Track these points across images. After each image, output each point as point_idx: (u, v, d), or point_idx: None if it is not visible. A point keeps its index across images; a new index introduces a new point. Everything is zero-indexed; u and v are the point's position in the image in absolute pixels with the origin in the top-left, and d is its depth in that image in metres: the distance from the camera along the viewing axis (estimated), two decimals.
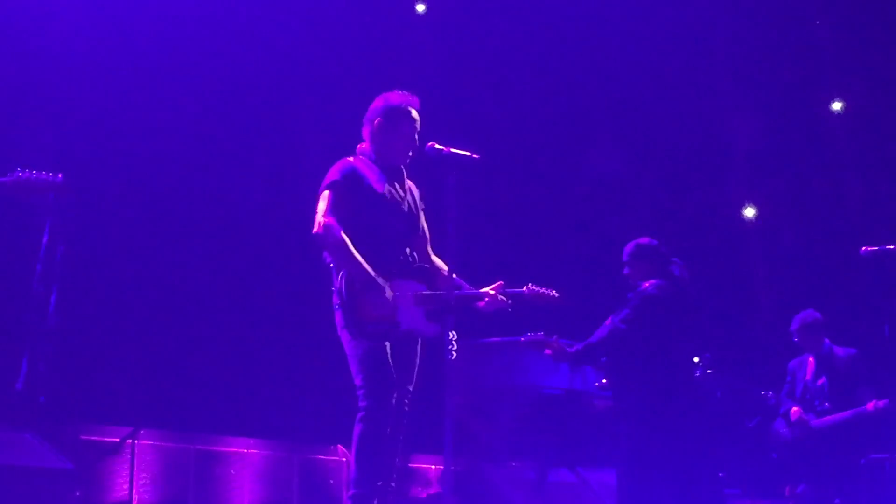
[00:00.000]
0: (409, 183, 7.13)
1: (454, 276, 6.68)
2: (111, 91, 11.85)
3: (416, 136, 7.01)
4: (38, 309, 8.01)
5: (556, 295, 7.42)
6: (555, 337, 8.54)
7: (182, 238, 12.33)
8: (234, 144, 12.82)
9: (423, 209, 7.16)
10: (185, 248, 12.32)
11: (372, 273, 6.63)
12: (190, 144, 12.43)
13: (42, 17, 11.40)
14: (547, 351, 8.63)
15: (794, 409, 11.06)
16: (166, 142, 12.25)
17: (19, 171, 7.51)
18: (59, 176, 7.53)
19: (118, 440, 10.87)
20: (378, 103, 7.09)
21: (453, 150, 6.61)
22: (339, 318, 6.73)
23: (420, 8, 14.42)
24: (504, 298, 7.06)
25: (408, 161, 7.08)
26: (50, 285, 8.01)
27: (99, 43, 11.78)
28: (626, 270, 8.95)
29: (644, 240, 8.97)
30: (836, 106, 15.53)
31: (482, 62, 14.62)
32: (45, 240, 7.88)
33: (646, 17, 14.58)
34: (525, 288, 7.33)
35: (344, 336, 6.73)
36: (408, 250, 6.96)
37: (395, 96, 7.07)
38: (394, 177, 7.02)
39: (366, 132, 7.11)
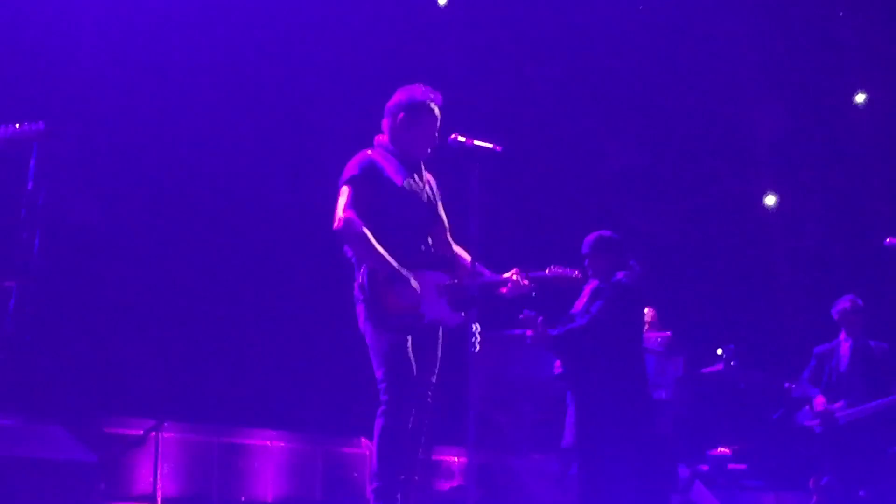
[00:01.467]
0: (426, 174, 7.12)
1: (476, 264, 6.68)
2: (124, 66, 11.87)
3: (437, 133, 6.99)
4: (24, 253, 8.03)
5: (579, 274, 7.41)
6: (540, 318, 8.49)
7: (208, 232, 12.35)
8: (256, 136, 12.82)
9: (441, 199, 7.14)
10: (208, 243, 12.35)
11: (395, 265, 6.61)
12: (215, 142, 12.44)
13: None
14: (529, 332, 8.59)
15: (819, 398, 10.98)
16: (184, 143, 12.26)
17: (2, 126, 7.49)
18: (41, 124, 7.52)
19: (142, 433, 10.90)
20: (401, 97, 7.04)
21: (476, 142, 6.60)
22: (361, 311, 6.72)
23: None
24: (526, 283, 7.05)
25: (427, 155, 7.05)
26: (34, 229, 8.02)
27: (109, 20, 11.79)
28: (586, 262, 8.86)
29: (606, 232, 8.90)
30: (860, 98, 15.48)
31: (504, 53, 14.60)
32: (29, 185, 7.89)
33: (669, 8, 14.54)
34: (547, 270, 7.34)
35: (366, 329, 6.72)
36: (429, 240, 6.95)
37: (419, 91, 7.03)
38: (412, 169, 7.00)
39: (386, 125, 7.08)
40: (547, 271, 7.35)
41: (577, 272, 7.42)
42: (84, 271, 11.18)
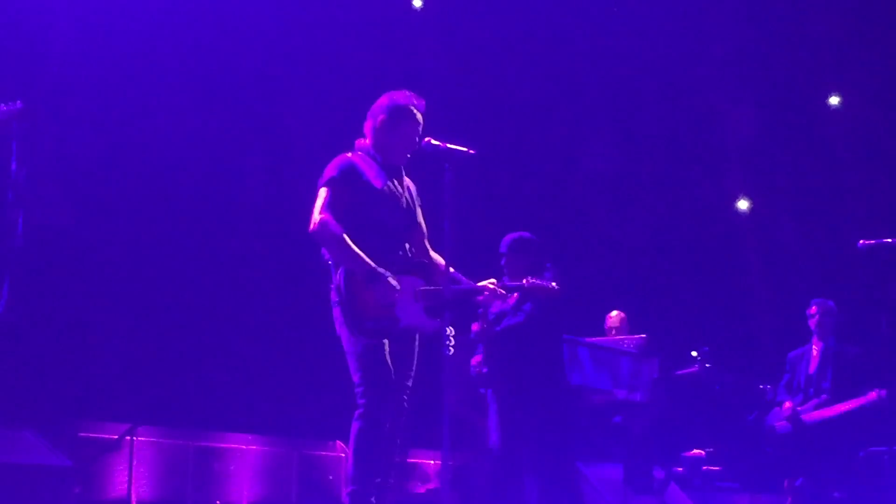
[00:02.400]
0: (406, 179, 7.12)
1: (452, 269, 6.70)
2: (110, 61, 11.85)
3: (417, 138, 6.99)
4: (9, 232, 8.02)
5: (556, 287, 7.43)
6: (482, 311, 8.57)
7: (180, 236, 12.33)
8: (234, 141, 12.81)
9: (420, 205, 7.15)
10: (183, 245, 12.32)
11: (372, 264, 6.61)
12: (193, 143, 12.42)
13: None
14: (474, 326, 8.66)
15: (787, 403, 11.07)
16: (163, 146, 12.25)
17: None
18: (19, 103, 7.55)
19: (117, 437, 10.88)
20: (383, 101, 7.06)
21: (450, 145, 6.62)
22: (337, 314, 6.72)
23: (417, 2, 14.42)
24: (503, 292, 7.07)
25: (406, 160, 7.05)
26: (19, 209, 8.02)
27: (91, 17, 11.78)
28: (502, 261, 8.89)
29: (526, 234, 8.93)
30: (834, 100, 15.54)
31: (478, 57, 14.61)
32: (13, 166, 7.89)
33: (641, 10, 14.58)
34: (525, 280, 7.37)
35: (342, 333, 6.72)
36: (406, 246, 6.95)
37: (401, 96, 7.04)
38: (392, 173, 7.00)
39: (368, 127, 7.08)
40: (525, 281, 7.38)
41: (554, 283, 7.45)
42: (57, 275, 11.15)
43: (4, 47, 10.88)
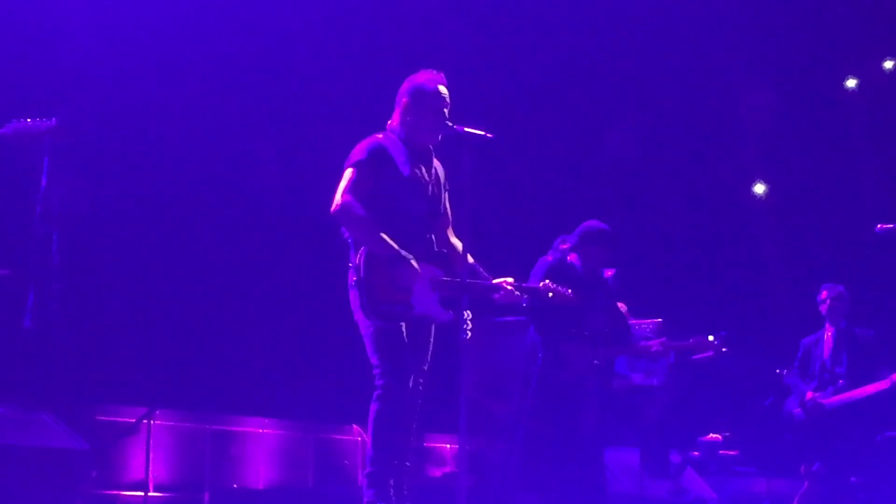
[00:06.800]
0: (435, 163, 7.07)
1: (471, 260, 6.67)
2: (124, 52, 11.86)
3: (446, 111, 6.92)
4: (42, 249, 8.05)
5: (572, 294, 7.39)
6: None
7: (197, 219, 12.34)
8: (250, 131, 12.80)
9: (447, 190, 7.09)
10: (200, 229, 12.34)
11: (395, 246, 6.58)
12: (208, 127, 12.42)
13: None
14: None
15: (808, 393, 11.04)
16: (177, 133, 12.25)
17: (14, 121, 7.71)
18: (53, 120, 7.68)
19: (134, 420, 10.90)
20: (405, 85, 7.02)
21: (467, 129, 6.58)
22: (353, 296, 6.69)
23: None
24: (519, 294, 7.03)
25: (438, 140, 6.97)
26: (51, 226, 8.04)
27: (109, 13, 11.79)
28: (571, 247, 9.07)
29: (603, 225, 9.02)
30: (851, 83, 15.48)
31: (496, 40, 14.57)
32: (43, 181, 7.91)
33: None
34: (542, 284, 7.32)
35: (358, 315, 6.70)
36: (428, 234, 6.91)
37: (422, 75, 7.00)
38: (421, 158, 6.94)
39: (395, 113, 7.04)
40: (542, 285, 7.34)
41: (569, 291, 7.41)
42: (75, 260, 11.16)
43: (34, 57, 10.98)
